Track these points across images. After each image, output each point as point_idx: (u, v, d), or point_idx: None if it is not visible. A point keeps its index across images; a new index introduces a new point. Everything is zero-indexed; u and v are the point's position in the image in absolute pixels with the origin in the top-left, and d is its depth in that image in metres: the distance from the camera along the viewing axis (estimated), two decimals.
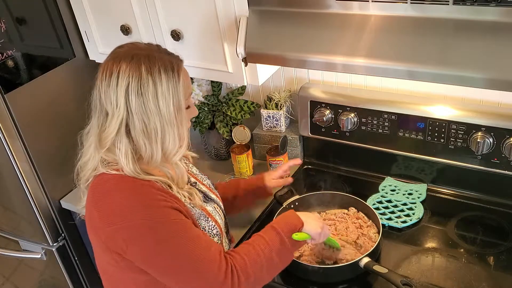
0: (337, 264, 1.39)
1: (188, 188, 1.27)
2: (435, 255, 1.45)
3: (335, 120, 1.75)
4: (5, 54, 1.71)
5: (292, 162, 1.65)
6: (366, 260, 1.35)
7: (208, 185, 1.42)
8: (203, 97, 1.94)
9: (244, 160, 1.87)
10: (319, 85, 1.82)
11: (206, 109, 1.97)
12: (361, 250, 1.44)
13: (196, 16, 1.55)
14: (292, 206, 1.58)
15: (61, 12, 1.85)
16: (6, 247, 2.20)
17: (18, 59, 1.76)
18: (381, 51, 1.23)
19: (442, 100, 1.61)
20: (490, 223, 1.54)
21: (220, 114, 1.96)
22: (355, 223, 1.54)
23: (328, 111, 1.75)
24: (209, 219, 1.27)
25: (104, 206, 1.12)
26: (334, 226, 1.54)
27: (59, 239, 2.03)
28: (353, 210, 1.60)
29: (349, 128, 1.73)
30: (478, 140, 1.50)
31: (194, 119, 1.93)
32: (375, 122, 1.69)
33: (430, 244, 1.50)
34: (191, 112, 1.25)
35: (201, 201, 1.28)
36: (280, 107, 1.87)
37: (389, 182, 1.75)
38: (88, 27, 1.85)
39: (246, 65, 1.50)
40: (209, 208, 1.31)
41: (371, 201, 1.66)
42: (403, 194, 1.68)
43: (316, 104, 1.77)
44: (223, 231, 1.36)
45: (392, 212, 1.61)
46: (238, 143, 1.92)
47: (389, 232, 1.54)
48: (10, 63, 1.74)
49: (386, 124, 1.67)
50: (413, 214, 1.59)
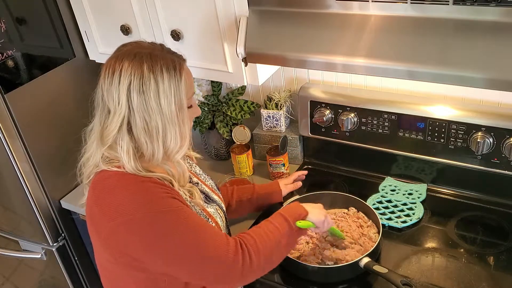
0: (337, 264, 1.39)
1: (189, 187, 1.27)
2: (435, 255, 1.45)
3: (335, 120, 1.75)
4: (5, 54, 1.71)
5: (301, 173, 1.79)
6: (366, 260, 1.35)
7: (211, 186, 1.43)
8: (203, 97, 1.94)
9: (244, 160, 1.87)
10: (319, 85, 1.82)
11: (206, 109, 1.97)
12: (361, 250, 1.44)
13: (196, 16, 1.55)
14: None
15: (61, 12, 1.85)
16: (6, 247, 2.20)
17: (18, 59, 1.76)
18: (381, 51, 1.23)
19: (442, 100, 1.61)
20: (490, 223, 1.54)
21: (220, 114, 1.96)
22: (356, 222, 1.55)
23: (328, 111, 1.75)
24: (209, 220, 1.27)
25: (105, 203, 1.12)
26: (336, 224, 1.54)
27: (59, 239, 2.03)
28: (353, 210, 1.60)
29: (349, 128, 1.73)
30: (478, 140, 1.50)
31: (194, 119, 1.92)
32: (375, 122, 1.68)
33: (430, 244, 1.50)
34: (194, 112, 1.25)
35: (202, 201, 1.28)
36: (280, 107, 1.87)
37: (389, 182, 1.75)
38: (88, 27, 1.85)
39: (246, 65, 1.50)
40: (211, 210, 1.31)
41: (371, 201, 1.66)
42: (403, 194, 1.68)
43: (316, 104, 1.77)
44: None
45: (392, 212, 1.61)
46: (238, 143, 1.92)
47: (389, 232, 1.54)
48: (10, 63, 1.74)
49: (386, 124, 1.67)
50: (413, 214, 1.59)
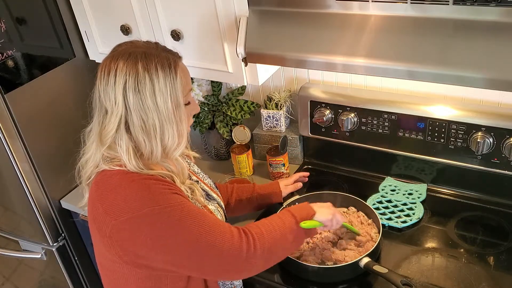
0: (337, 264, 1.39)
1: (190, 184, 1.27)
2: (435, 255, 1.45)
3: (335, 120, 1.75)
4: (5, 54, 1.72)
5: (303, 174, 1.77)
6: (366, 260, 1.35)
7: (209, 184, 1.43)
8: (203, 97, 1.94)
9: (244, 160, 1.87)
10: (319, 85, 1.82)
11: (206, 109, 1.97)
12: (361, 250, 1.44)
13: (196, 16, 1.55)
14: None
15: (61, 12, 1.86)
16: (6, 247, 2.20)
17: (18, 59, 1.76)
18: (381, 51, 1.23)
19: (442, 100, 1.61)
20: (490, 223, 1.54)
21: (220, 114, 1.96)
22: (357, 219, 1.55)
23: (328, 111, 1.75)
24: None
25: (109, 200, 1.12)
26: (348, 220, 1.54)
27: (59, 239, 2.03)
28: (353, 210, 1.60)
29: (349, 128, 1.73)
30: (478, 140, 1.50)
31: (195, 119, 1.93)
32: (375, 122, 1.68)
33: (430, 244, 1.49)
34: (192, 109, 1.25)
35: (203, 198, 1.29)
36: (280, 107, 1.87)
37: (389, 182, 1.75)
38: (88, 27, 1.85)
39: (246, 65, 1.50)
40: (211, 207, 1.31)
41: (371, 201, 1.66)
42: (403, 194, 1.68)
43: (316, 104, 1.77)
44: None
45: (392, 212, 1.61)
46: (238, 143, 1.92)
47: (389, 232, 1.54)
48: (10, 63, 1.74)
49: (386, 124, 1.67)
50: (413, 214, 1.59)
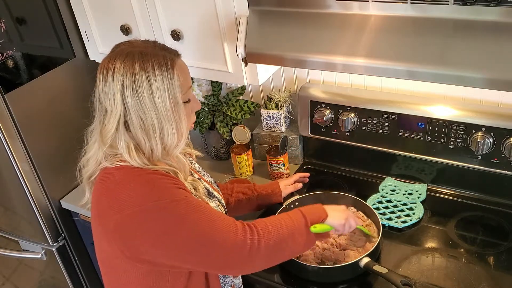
0: (337, 264, 1.39)
1: (192, 180, 1.28)
2: (435, 255, 1.45)
3: (335, 120, 1.75)
4: (5, 54, 1.72)
5: (303, 174, 1.75)
6: (366, 260, 1.35)
7: (211, 183, 1.43)
8: (203, 97, 1.94)
9: (244, 160, 1.87)
10: (319, 85, 1.82)
11: (206, 109, 1.97)
12: (361, 250, 1.44)
13: (196, 16, 1.55)
14: (292, 206, 1.58)
15: (61, 12, 1.85)
16: (6, 247, 2.20)
17: (18, 59, 1.76)
18: (381, 51, 1.23)
19: (442, 100, 1.61)
20: (490, 223, 1.54)
21: (220, 114, 1.96)
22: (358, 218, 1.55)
23: (328, 111, 1.75)
24: None
25: (115, 195, 1.12)
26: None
27: (59, 239, 2.03)
28: (353, 210, 1.60)
29: (349, 128, 1.73)
30: (478, 140, 1.50)
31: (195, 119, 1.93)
32: (375, 122, 1.68)
33: (430, 244, 1.49)
34: (193, 106, 1.25)
35: (205, 196, 1.29)
36: (280, 107, 1.87)
37: (389, 182, 1.75)
38: (88, 27, 1.85)
39: (246, 65, 1.50)
40: (212, 205, 1.31)
41: (371, 201, 1.66)
42: (403, 194, 1.68)
43: (316, 104, 1.77)
44: None
45: (392, 212, 1.61)
46: (238, 143, 1.92)
47: (389, 232, 1.54)
48: (10, 63, 1.74)
49: (386, 124, 1.67)
50: (413, 214, 1.59)
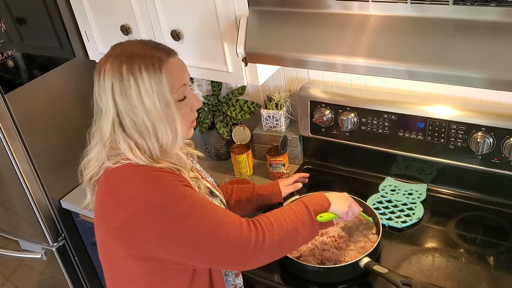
0: (337, 264, 1.39)
1: (195, 177, 1.28)
2: (435, 255, 1.45)
3: (335, 120, 1.75)
4: (5, 54, 1.72)
5: (303, 175, 1.75)
6: (366, 260, 1.35)
7: (212, 182, 1.43)
8: (203, 97, 1.94)
9: (244, 160, 1.87)
10: (319, 85, 1.82)
11: (206, 109, 1.97)
12: (361, 250, 1.44)
13: (196, 16, 1.55)
14: None
15: (61, 12, 1.85)
16: (6, 247, 2.20)
17: (18, 59, 1.76)
18: (381, 51, 1.23)
19: (442, 100, 1.61)
20: (490, 223, 1.54)
21: (220, 114, 1.96)
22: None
23: (328, 111, 1.75)
24: None
25: (120, 192, 1.12)
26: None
27: (59, 239, 2.03)
28: None
29: (349, 128, 1.73)
30: (478, 140, 1.50)
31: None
32: (375, 122, 1.68)
33: (430, 244, 1.49)
34: (192, 104, 1.21)
35: (208, 195, 1.29)
36: (280, 107, 1.87)
37: (389, 182, 1.75)
38: (88, 27, 1.85)
39: (246, 65, 1.50)
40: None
41: (371, 201, 1.66)
42: (403, 194, 1.68)
43: (316, 104, 1.77)
44: None
45: (392, 212, 1.61)
46: (238, 143, 1.92)
47: (389, 232, 1.54)
48: (10, 63, 1.74)
49: (386, 124, 1.67)
50: (413, 214, 1.59)
